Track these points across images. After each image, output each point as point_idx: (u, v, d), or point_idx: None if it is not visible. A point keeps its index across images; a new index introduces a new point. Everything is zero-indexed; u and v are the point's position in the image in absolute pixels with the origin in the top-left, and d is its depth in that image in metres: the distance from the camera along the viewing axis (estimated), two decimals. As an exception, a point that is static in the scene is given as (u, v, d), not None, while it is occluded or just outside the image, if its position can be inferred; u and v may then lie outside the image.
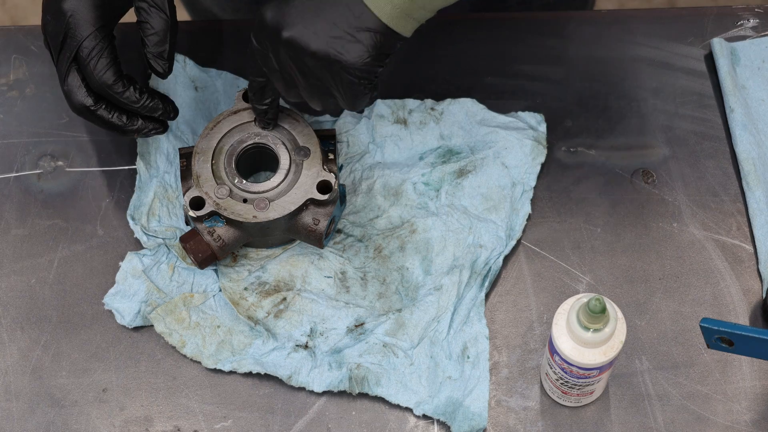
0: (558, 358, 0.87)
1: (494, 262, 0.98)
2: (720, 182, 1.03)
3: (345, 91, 0.86)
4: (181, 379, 0.96)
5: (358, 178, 1.02)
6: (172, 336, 0.96)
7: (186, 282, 0.98)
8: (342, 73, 0.84)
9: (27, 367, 0.96)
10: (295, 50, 0.84)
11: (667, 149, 1.05)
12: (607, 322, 0.84)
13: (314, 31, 0.83)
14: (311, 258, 0.99)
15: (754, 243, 1.00)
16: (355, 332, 0.96)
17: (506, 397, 0.95)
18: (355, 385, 0.94)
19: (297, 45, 0.84)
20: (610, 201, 1.02)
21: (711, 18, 1.10)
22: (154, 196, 1.00)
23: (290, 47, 0.85)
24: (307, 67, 0.85)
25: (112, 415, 0.94)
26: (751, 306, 0.98)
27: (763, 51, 1.08)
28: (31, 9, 2.06)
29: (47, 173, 1.03)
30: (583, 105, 1.06)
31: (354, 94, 0.86)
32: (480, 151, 1.02)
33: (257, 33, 0.87)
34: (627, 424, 0.94)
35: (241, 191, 0.95)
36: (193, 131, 1.03)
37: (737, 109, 1.04)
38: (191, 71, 1.06)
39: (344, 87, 0.85)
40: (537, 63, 1.08)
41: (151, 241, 0.99)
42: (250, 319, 0.96)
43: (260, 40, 0.87)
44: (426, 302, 0.96)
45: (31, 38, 1.09)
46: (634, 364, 0.96)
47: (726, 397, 0.94)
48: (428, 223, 1.00)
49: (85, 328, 0.97)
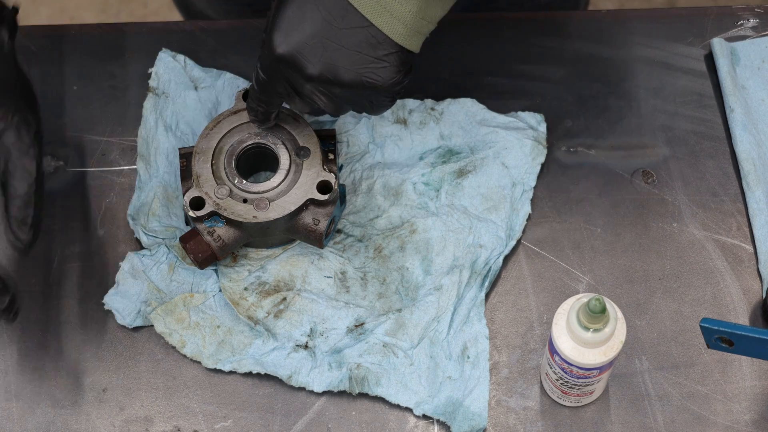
0: (558, 358, 0.87)
1: (494, 262, 0.98)
2: (720, 182, 1.03)
3: (375, 108, 0.89)
4: (181, 379, 0.96)
5: (358, 178, 1.02)
6: (172, 336, 0.96)
7: (186, 282, 0.98)
8: (374, 95, 0.87)
9: (27, 367, 0.96)
10: (324, 83, 0.85)
11: (667, 149, 1.05)
12: (607, 322, 0.84)
13: (342, 64, 0.84)
14: (311, 258, 0.99)
15: (754, 243, 1.00)
16: (355, 332, 0.96)
17: (506, 397, 0.95)
18: (355, 385, 0.94)
19: (326, 79, 0.85)
20: (610, 201, 1.02)
21: (711, 18, 1.10)
22: (154, 196, 1.00)
23: (319, 82, 0.85)
24: (337, 95, 0.87)
25: (112, 415, 0.94)
26: (751, 306, 0.98)
27: (763, 51, 1.08)
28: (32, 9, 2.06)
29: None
30: (583, 105, 1.06)
31: (383, 107, 0.89)
32: (480, 151, 1.02)
33: (271, 69, 0.87)
34: (627, 424, 0.94)
35: (241, 191, 0.95)
36: (193, 131, 1.03)
37: (737, 109, 1.04)
38: (191, 71, 1.06)
39: (375, 105, 0.88)
40: (537, 63, 1.08)
41: (151, 241, 0.99)
42: (250, 319, 0.96)
43: (275, 76, 0.87)
44: (426, 302, 0.96)
45: (31, 38, 1.09)
46: (634, 364, 0.96)
47: (726, 397, 0.94)
48: (428, 223, 1.00)
49: (85, 328, 0.97)
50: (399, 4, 0.83)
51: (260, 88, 0.89)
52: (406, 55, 0.86)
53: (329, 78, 0.85)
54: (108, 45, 1.09)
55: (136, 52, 1.08)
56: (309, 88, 0.86)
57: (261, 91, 0.90)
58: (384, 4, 0.83)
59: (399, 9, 0.83)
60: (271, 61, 0.86)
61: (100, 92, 1.06)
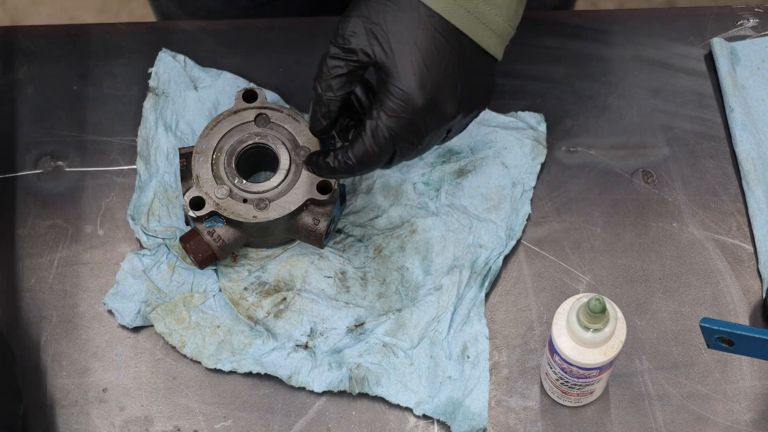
0: (558, 358, 0.87)
1: (494, 262, 0.98)
2: (720, 182, 1.03)
3: (452, 134, 0.88)
4: (181, 379, 0.96)
5: (358, 178, 1.02)
6: (172, 336, 0.96)
7: (186, 282, 0.98)
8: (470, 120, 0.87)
9: (27, 367, 0.96)
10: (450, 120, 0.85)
11: (667, 149, 1.05)
12: (607, 322, 0.84)
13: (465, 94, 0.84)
14: (311, 258, 0.99)
15: (754, 243, 1.00)
16: (355, 332, 0.96)
17: (506, 397, 0.95)
18: (355, 385, 0.94)
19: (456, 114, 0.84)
20: (610, 201, 1.02)
21: (711, 18, 1.10)
22: (154, 196, 1.00)
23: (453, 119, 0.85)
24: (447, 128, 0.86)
25: (112, 415, 0.94)
26: (751, 306, 0.98)
27: (763, 51, 1.08)
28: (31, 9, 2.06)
29: (47, 173, 1.03)
30: (583, 105, 1.06)
31: (458, 133, 0.89)
32: (480, 150, 1.02)
33: (410, 120, 0.82)
34: (627, 424, 0.94)
35: (241, 191, 0.95)
36: (193, 131, 1.03)
37: (737, 109, 1.04)
38: (191, 71, 1.06)
39: (456, 131, 0.88)
40: (537, 63, 1.08)
41: (151, 241, 0.99)
42: (250, 319, 0.96)
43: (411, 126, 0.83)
44: (426, 302, 0.96)
45: (31, 38, 1.09)
46: (634, 364, 0.96)
47: (726, 397, 0.94)
48: (428, 223, 1.00)
49: (85, 328, 0.97)
50: (496, 15, 0.82)
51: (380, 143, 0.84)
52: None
53: (459, 112, 0.84)
54: (108, 45, 1.09)
55: (136, 52, 1.08)
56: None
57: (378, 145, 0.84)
58: (479, 16, 0.82)
59: (496, 21, 0.83)
60: (412, 114, 0.82)
61: (100, 92, 1.06)
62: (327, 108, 0.85)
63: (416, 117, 0.82)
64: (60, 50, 1.08)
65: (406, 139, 0.83)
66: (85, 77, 1.07)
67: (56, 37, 1.09)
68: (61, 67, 1.07)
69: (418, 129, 0.83)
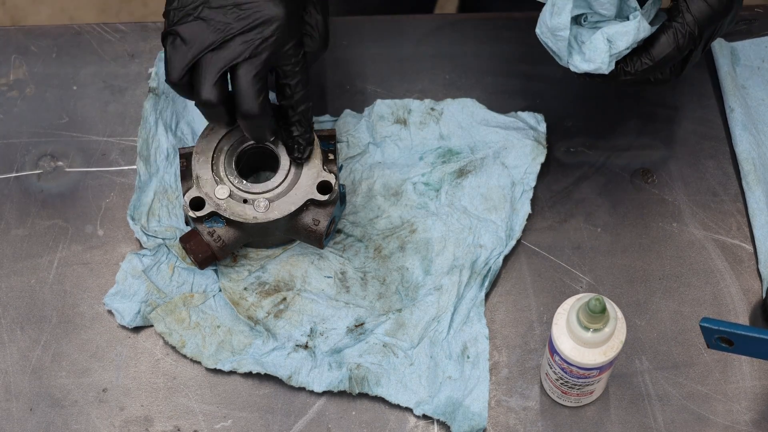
0: (558, 358, 0.87)
1: (494, 262, 0.98)
2: (720, 182, 1.03)
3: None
4: (181, 379, 0.96)
5: (358, 179, 1.02)
6: (172, 336, 0.96)
7: (186, 282, 0.98)
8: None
9: (27, 367, 0.96)
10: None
11: (667, 149, 1.05)
12: (607, 322, 0.84)
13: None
14: (311, 258, 0.99)
15: (754, 243, 1.00)
16: (355, 332, 0.96)
17: (506, 397, 0.95)
18: (355, 385, 0.94)
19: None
20: (610, 201, 1.02)
21: (711, 18, 1.10)
22: (154, 196, 1.00)
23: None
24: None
25: (112, 415, 0.94)
26: (751, 306, 0.98)
27: (763, 51, 1.08)
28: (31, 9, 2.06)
29: (47, 173, 1.03)
30: (583, 105, 1.06)
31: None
32: (480, 151, 1.02)
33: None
34: (627, 424, 0.94)
35: (241, 192, 0.95)
36: (193, 131, 1.03)
37: (737, 109, 1.04)
38: (191, 71, 1.06)
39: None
40: (537, 63, 1.08)
41: (151, 241, 0.99)
42: (250, 319, 0.96)
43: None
44: (426, 302, 0.96)
45: (31, 38, 1.09)
46: (634, 364, 0.96)
47: (726, 397, 0.94)
48: (428, 223, 1.00)
49: (85, 328, 0.97)
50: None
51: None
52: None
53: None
54: (108, 45, 1.09)
55: (136, 52, 1.08)
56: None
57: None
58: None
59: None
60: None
61: (100, 92, 1.06)
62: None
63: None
64: (60, 50, 1.08)
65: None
66: (85, 77, 1.07)
67: (56, 37, 1.09)
68: (61, 67, 1.07)
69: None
